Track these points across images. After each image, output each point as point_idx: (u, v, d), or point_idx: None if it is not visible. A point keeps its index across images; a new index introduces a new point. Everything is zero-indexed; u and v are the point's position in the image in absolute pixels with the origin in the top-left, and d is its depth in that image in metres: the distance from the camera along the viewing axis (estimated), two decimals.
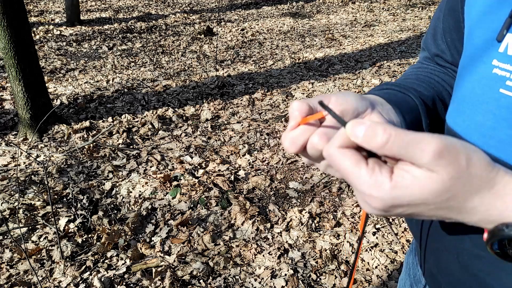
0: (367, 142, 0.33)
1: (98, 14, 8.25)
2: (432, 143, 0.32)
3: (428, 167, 0.32)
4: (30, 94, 3.13)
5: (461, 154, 0.33)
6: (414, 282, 0.72)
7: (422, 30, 6.45)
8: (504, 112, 0.43)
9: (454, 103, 0.53)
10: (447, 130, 0.54)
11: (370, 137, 0.33)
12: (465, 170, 0.33)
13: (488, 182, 0.34)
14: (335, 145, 0.36)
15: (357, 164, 0.35)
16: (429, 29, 0.67)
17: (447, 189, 0.33)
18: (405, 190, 0.33)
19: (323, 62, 5.06)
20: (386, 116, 0.49)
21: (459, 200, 0.34)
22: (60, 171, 2.76)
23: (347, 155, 0.35)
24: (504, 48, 0.43)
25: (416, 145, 0.32)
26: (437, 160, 0.32)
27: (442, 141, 0.32)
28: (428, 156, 0.32)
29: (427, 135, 0.33)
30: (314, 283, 1.86)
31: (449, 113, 0.54)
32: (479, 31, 0.47)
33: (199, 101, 3.95)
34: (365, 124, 0.34)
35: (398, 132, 0.33)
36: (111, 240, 2.10)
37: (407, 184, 0.33)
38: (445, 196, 0.33)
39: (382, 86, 0.60)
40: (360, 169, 0.35)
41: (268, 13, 8.44)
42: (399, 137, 0.32)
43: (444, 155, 0.32)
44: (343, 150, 0.36)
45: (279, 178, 2.69)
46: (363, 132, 0.33)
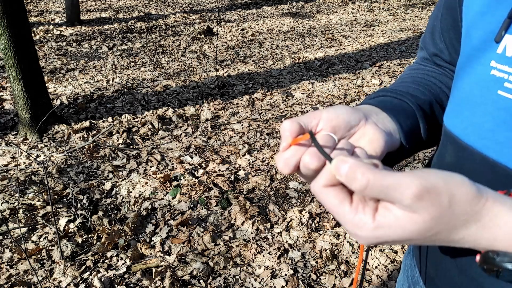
0: (349, 182, 0.34)
1: (98, 14, 8.25)
2: (411, 186, 0.32)
3: (410, 208, 0.33)
4: (30, 94, 3.13)
5: (442, 194, 0.32)
6: (412, 284, 0.72)
7: (422, 30, 6.45)
8: (502, 114, 0.42)
9: (451, 104, 0.52)
10: (445, 132, 0.53)
11: (350, 178, 0.34)
12: (447, 209, 0.33)
13: (474, 216, 0.33)
14: (320, 184, 0.37)
15: (341, 204, 0.36)
16: (428, 28, 0.66)
17: (429, 228, 0.33)
18: (387, 230, 0.34)
19: (323, 62, 5.06)
20: (381, 125, 0.48)
21: (444, 235, 0.34)
22: (60, 171, 2.76)
23: (331, 194, 0.36)
24: (503, 49, 0.42)
25: (395, 189, 0.32)
26: (417, 203, 0.32)
27: (422, 183, 0.32)
28: (407, 200, 0.32)
29: (406, 177, 0.33)
30: (314, 283, 1.86)
31: (447, 115, 0.53)
32: (477, 31, 0.47)
33: (199, 101, 3.95)
34: (347, 163, 0.34)
35: (376, 176, 0.33)
36: (111, 240, 2.10)
37: (389, 224, 0.34)
38: (428, 234, 0.34)
39: (377, 93, 0.59)
40: (344, 208, 0.35)
41: (268, 13, 8.44)
42: (378, 181, 0.33)
43: (424, 198, 0.32)
44: (327, 189, 0.36)
45: (279, 178, 2.69)
46: (344, 172, 0.34)
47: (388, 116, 0.52)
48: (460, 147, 0.49)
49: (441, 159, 0.55)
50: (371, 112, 0.50)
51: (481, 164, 0.46)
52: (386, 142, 0.47)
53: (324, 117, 0.44)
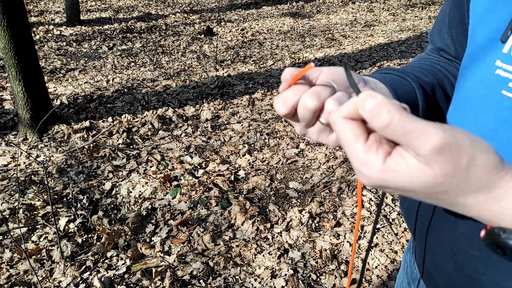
0: (371, 119, 0.32)
1: (98, 14, 8.25)
2: (434, 137, 0.30)
3: (425, 159, 0.31)
4: (30, 94, 3.13)
5: (463, 154, 0.31)
6: (411, 280, 0.72)
7: (422, 30, 6.45)
8: (505, 114, 0.42)
9: (455, 102, 0.52)
10: None
11: (374, 115, 0.32)
12: (464, 171, 0.31)
13: (487, 185, 0.32)
14: (341, 114, 0.35)
15: (356, 138, 0.34)
16: (436, 22, 0.67)
17: (437, 184, 0.32)
18: (394, 176, 0.33)
19: (323, 62, 5.05)
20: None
21: (450, 195, 0.33)
22: (60, 171, 2.76)
23: (349, 126, 0.34)
24: (508, 49, 0.42)
25: (417, 135, 0.31)
26: (435, 155, 0.30)
27: (446, 137, 0.30)
28: (426, 150, 0.30)
29: (432, 126, 0.31)
30: (314, 283, 1.86)
31: (450, 113, 0.54)
32: (483, 29, 0.47)
33: (199, 101, 3.95)
34: (376, 99, 0.32)
35: (402, 117, 0.31)
36: (111, 240, 2.10)
37: (398, 170, 0.32)
38: (435, 190, 0.33)
39: (381, 71, 0.60)
40: (358, 144, 0.34)
41: (268, 13, 8.44)
42: (402, 123, 0.31)
43: (443, 152, 0.30)
44: (346, 121, 0.35)
45: (279, 178, 2.69)
46: (370, 107, 0.32)
47: (387, 88, 0.51)
48: None
49: None
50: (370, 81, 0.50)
51: None
52: None
53: (325, 72, 0.43)
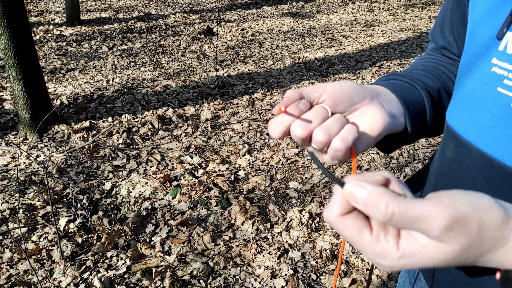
0: (369, 212, 0.32)
1: (98, 14, 8.25)
2: (439, 218, 0.30)
3: (438, 239, 0.32)
4: (30, 94, 3.13)
5: (472, 223, 0.31)
6: (413, 279, 0.72)
7: (422, 30, 6.45)
8: (501, 111, 0.43)
9: (454, 100, 0.53)
10: (446, 128, 0.54)
11: (371, 208, 0.32)
12: (477, 237, 0.32)
13: (501, 240, 0.32)
14: (334, 214, 0.35)
15: (361, 233, 0.34)
16: (437, 21, 0.67)
17: (457, 257, 0.32)
18: (413, 259, 0.33)
19: (323, 62, 5.06)
20: (387, 107, 0.49)
21: (471, 260, 0.33)
22: (60, 171, 2.76)
23: (348, 224, 0.34)
24: (504, 47, 0.42)
25: (422, 221, 0.31)
26: (447, 233, 0.31)
27: (451, 214, 0.31)
28: (436, 232, 0.31)
29: (434, 206, 0.31)
30: (314, 283, 1.86)
31: (449, 110, 0.54)
32: (482, 28, 0.47)
33: (199, 101, 3.95)
34: (366, 190, 0.32)
35: (401, 207, 0.31)
36: (111, 240, 2.10)
37: (415, 253, 0.32)
38: (455, 261, 0.33)
39: (388, 76, 0.60)
40: (364, 238, 0.34)
41: (268, 13, 8.44)
42: (404, 213, 0.31)
43: (453, 228, 0.31)
44: (343, 218, 0.34)
45: (279, 178, 2.69)
46: (363, 200, 0.32)
47: (397, 98, 0.52)
48: (460, 143, 0.49)
49: (442, 155, 0.55)
50: (380, 93, 0.50)
51: (479, 160, 0.46)
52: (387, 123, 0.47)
53: (328, 90, 0.44)
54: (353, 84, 0.47)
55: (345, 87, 0.45)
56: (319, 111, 0.42)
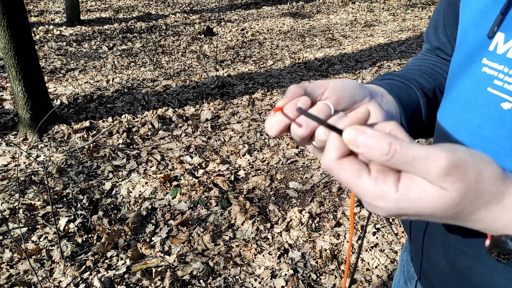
0: (369, 153, 0.32)
1: (98, 14, 8.25)
2: (439, 159, 0.30)
3: (436, 183, 0.31)
4: (30, 94, 3.13)
5: (470, 170, 0.31)
6: (407, 279, 0.73)
7: (422, 30, 6.45)
8: (491, 111, 0.43)
9: (445, 100, 0.53)
10: (438, 127, 0.54)
11: (372, 148, 0.32)
12: (474, 186, 0.32)
13: (497, 196, 0.33)
14: (331, 158, 0.35)
15: (359, 175, 0.33)
16: (431, 22, 0.67)
17: (455, 205, 0.32)
18: (412, 203, 0.32)
19: (323, 62, 5.06)
20: (384, 107, 0.49)
21: (466, 213, 0.33)
22: (60, 171, 2.76)
23: (346, 167, 0.34)
24: (494, 47, 0.43)
25: (422, 161, 0.31)
26: (445, 177, 0.31)
27: (450, 157, 0.31)
28: (434, 173, 0.31)
29: (434, 150, 0.31)
30: (314, 283, 1.86)
31: (440, 110, 0.54)
32: (472, 28, 0.47)
33: (199, 101, 3.95)
34: (366, 133, 0.32)
35: (403, 146, 0.31)
36: (111, 240, 2.10)
37: (414, 196, 0.32)
38: (453, 210, 0.33)
39: (385, 76, 0.60)
40: (363, 180, 0.33)
41: (268, 13, 8.44)
42: (404, 152, 0.31)
43: (451, 172, 0.31)
44: (341, 162, 0.34)
45: (279, 178, 2.69)
46: (364, 142, 0.32)
47: (393, 99, 0.52)
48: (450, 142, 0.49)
49: None
50: (377, 92, 0.50)
51: None
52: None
53: (331, 87, 0.43)
54: (354, 82, 0.46)
55: (347, 85, 0.45)
56: (322, 108, 0.42)
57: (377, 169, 0.34)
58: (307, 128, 0.40)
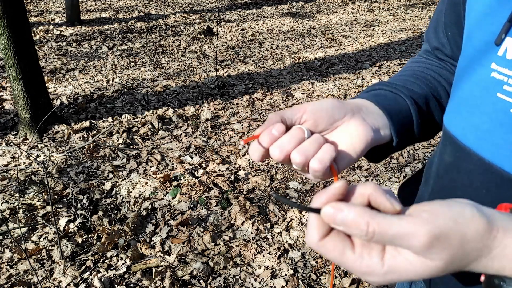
0: (349, 231, 0.33)
1: (98, 14, 8.25)
2: (418, 236, 0.31)
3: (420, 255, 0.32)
4: (30, 94, 3.13)
5: (452, 237, 0.31)
6: None
7: (422, 30, 6.45)
8: (500, 116, 0.43)
9: (451, 104, 0.52)
10: (444, 132, 0.54)
11: (351, 228, 0.32)
12: (459, 250, 0.32)
13: (484, 250, 0.33)
14: (314, 240, 0.35)
15: (343, 253, 0.34)
16: (432, 22, 0.67)
17: (443, 270, 0.33)
18: (399, 275, 0.33)
19: (323, 62, 5.06)
20: (369, 121, 0.49)
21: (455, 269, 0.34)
22: (60, 171, 2.76)
23: (329, 248, 0.35)
24: (503, 52, 0.42)
25: (403, 238, 0.31)
26: (428, 250, 0.31)
27: (430, 231, 0.31)
28: (417, 249, 0.31)
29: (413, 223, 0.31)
30: (314, 283, 1.86)
31: (446, 114, 0.54)
32: (479, 32, 0.47)
33: (199, 101, 3.95)
34: (343, 211, 0.33)
35: (381, 226, 0.32)
36: (111, 240, 2.10)
37: (401, 269, 0.33)
38: (441, 274, 0.33)
39: (374, 87, 0.60)
40: (348, 258, 0.34)
41: (268, 13, 8.44)
42: (383, 231, 0.32)
43: (434, 245, 0.31)
44: (323, 242, 0.35)
45: (279, 178, 2.69)
46: (342, 221, 0.33)
47: (380, 110, 0.52)
48: (458, 148, 0.49)
49: (441, 159, 0.55)
50: (361, 107, 0.50)
51: (477, 165, 0.46)
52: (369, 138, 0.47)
53: (308, 110, 0.45)
54: (333, 101, 0.47)
55: (325, 105, 0.46)
56: (295, 133, 0.44)
57: (361, 243, 0.35)
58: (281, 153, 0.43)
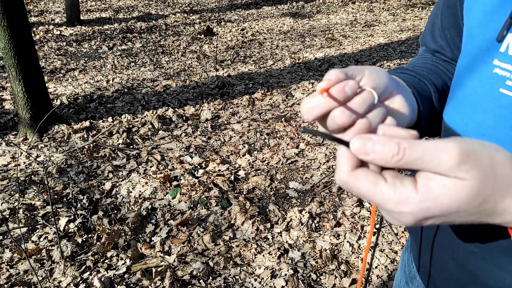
0: (380, 158, 0.32)
1: (98, 14, 8.25)
2: (449, 150, 0.30)
3: (452, 174, 0.31)
4: (30, 94, 3.13)
5: (481, 156, 0.31)
6: (409, 279, 0.73)
7: (422, 30, 6.44)
8: (503, 112, 0.43)
9: (452, 101, 0.53)
10: (445, 128, 0.54)
11: (382, 153, 0.32)
12: (490, 170, 0.31)
13: None
14: (345, 171, 0.34)
15: (376, 184, 0.33)
16: (427, 26, 0.67)
17: (477, 194, 0.31)
18: (435, 201, 0.32)
19: (323, 62, 5.06)
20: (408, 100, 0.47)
21: (491, 203, 0.32)
22: (60, 171, 2.76)
23: (361, 177, 0.33)
24: (505, 48, 0.43)
25: (433, 154, 0.31)
26: (459, 166, 0.30)
27: (459, 146, 0.30)
28: (447, 164, 0.30)
29: (442, 142, 0.31)
30: (314, 283, 1.86)
31: (447, 111, 0.54)
32: (480, 30, 0.47)
33: (199, 101, 3.95)
34: (373, 139, 0.32)
35: (411, 143, 0.31)
36: (111, 240, 2.10)
37: (436, 194, 0.31)
38: (477, 201, 0.32)
39: (397, 70, 0.59)
40: (381, 187, 0.33)
41: (268, 13, 8.44)
42: (414, 148, 0.31)
43: (464, 160, 0.30)
44: (355, 173, 0.34)
45: (279, 178, 2.69)
46: (372, 148, 0.32)
47: (412, 93, 0.51)
48: None
49: None
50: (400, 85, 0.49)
51: None
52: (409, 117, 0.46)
53: (367, 75, 0.41)
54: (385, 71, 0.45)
55: (382, 73, 0.43)
56: (367, 97, 0.39)
57: (392, 175, 0.33)
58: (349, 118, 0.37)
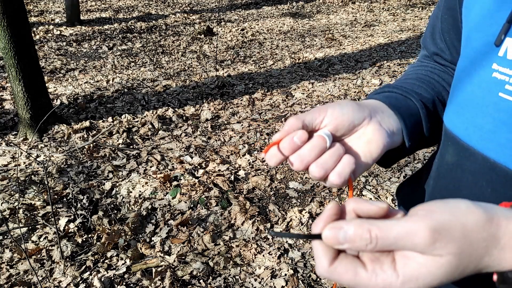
0: (356, 248, 0.33)
1: (98, 14, 8.25)
2: (418, 233, 0.31)
3: (428, 253, 0.32)
4: (30, 94, 3.13)
5: (453, 228, 0.31)
6: None
7: (422, 30, 6.45)
8: (503, 116, 0.43)
9: (452, 105, 0.52)
10: (445, 132, 0.54)
11: (355, 242, 0.32)
12: (465, 241, 0.32)
13: (492, 240, 0.32)
14: (324, 267, 0.35)
15: (357, 274, 0.34)
16: (428, 28, 0.67)
17: (456, 266, 0.32)
18: (417, 281, 0.32)
19: (323, 62, 5.06)
20: (385, 125, 0.49)
21: (471, 267, 0.33)
22: (60, 171, 2.76)
23: (341, 271, 0.34)
24: (504, 52, 0.43)
25: (405, 238, 0.31)
26: (433, 245, 0.31)
27: (428, 225, 0.31)
28: (421, 246, 0.31)
29: (412, 222, 0.32)
30: (314, 283, 1.86)
31: (447, 115, 0.54)
32: (478, 34, 0.47)
33: (199, 101, 3.95)
34: (343, 228, 0.33)
35: (382, 231, 0.32)
36: (111, 240, 2.10)
37: (416, 275, 0.32)
38: (457, 272, 0.33)
39: (383, 89, 0.60)
40: (363, 277, 0.34)
41: (268, 13, 8.44)
42: (385, 236, 0.32)
43: (437, 238, 0.31)
44: (334, 267, 0.34)
45: (279, 178, 2.69)
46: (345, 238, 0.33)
47: (394, 114, 0.52)
48: (462, 147, 0.49)
49: (441, 159, 0.55)
50: (377, 110, 0.50)
51: (482, 164, 0.46)
52: (385, 143, 0.47)
53: (329, 114, 0.44)
54: (353, 105, 0.46)
55: (346, 110, 0.45)
56: (317, 143, 0.43)
57: (370, 259, 0.34)
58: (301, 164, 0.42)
